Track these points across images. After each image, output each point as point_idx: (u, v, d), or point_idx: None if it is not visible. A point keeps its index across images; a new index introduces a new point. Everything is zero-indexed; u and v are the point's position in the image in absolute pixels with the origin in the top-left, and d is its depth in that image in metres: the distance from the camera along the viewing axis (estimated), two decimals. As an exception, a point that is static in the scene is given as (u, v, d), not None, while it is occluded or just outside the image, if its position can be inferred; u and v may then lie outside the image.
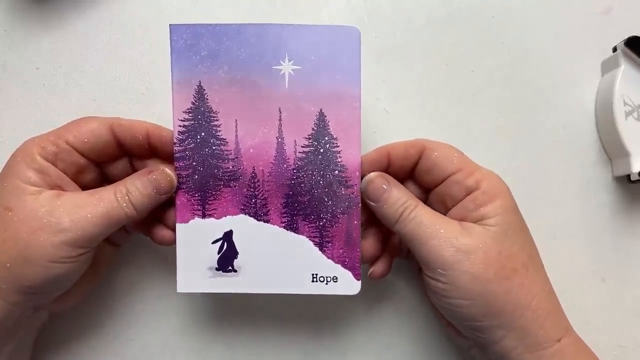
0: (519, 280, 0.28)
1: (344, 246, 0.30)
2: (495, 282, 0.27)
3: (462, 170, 0.30)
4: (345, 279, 0.30)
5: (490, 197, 0.29)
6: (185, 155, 0.30)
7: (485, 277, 0.27)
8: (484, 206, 0.29)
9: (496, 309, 0.27)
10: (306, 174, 0.30)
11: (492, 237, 0.28)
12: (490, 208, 0.29)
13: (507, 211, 0.29)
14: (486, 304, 0.27)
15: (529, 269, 0.28)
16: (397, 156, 0.30)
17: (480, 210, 0.29)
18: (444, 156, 0.30)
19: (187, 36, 0.29)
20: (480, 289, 0.27)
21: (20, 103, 0.37)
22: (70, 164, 0.29)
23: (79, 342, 0.36)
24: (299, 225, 0.30)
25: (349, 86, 0.30)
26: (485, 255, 0.27)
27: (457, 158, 0.30)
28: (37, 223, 0.27)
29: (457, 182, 0.30)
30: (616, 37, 0.37)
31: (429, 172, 0.30)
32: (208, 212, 0.30)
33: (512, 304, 0.27)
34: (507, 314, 0.27)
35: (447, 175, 0.30)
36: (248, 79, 0.29)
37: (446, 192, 0.30)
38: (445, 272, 0.27)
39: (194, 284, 0.30)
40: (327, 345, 0.36)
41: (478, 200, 0.29)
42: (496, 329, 0.28)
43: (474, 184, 0.29)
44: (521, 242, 0.29)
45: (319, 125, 0.30)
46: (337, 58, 0.29)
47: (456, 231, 0.28)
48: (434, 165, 0.30)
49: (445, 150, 0.30)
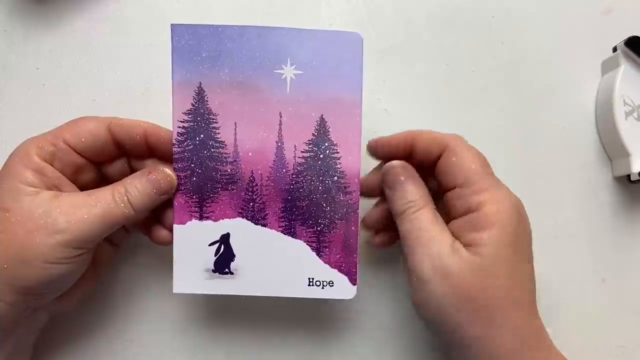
0: (486, 316, 0.26)
1: (341, 251, 0.30)
2: (461, 311, 0.27)
3: (470, 186, 0.28)
4: (341, 283, 0.30)
5: (488, 224, 0.27)
6: (184, 157, 0.30)
7: (454, 304, 0.27)
8: (477, 232, 0.27)
9: (458, 334, 0.27)
10: (305, 180, 0.30)
11: (474, 267, 0.27)
12: (484, 236, 0.27)
13: (500, 244, 0.27)
14: (450, 327, 0.27)
15: (502, 308, 0.27)
16: (420, 148, 0.30)
17: (473, 234, 0.27)
18: (459, 164, 0.29)
19: (188, 36, 0.29)
20: (447, 312, 0.27)
21: (20, 103, 0.37)
22: (68, 164, 0.29)
23: (79, 342, 0.36)
24: (296, 230, 0.30)
25: (351, 92, 0.29)
26: (460, 283, 0.27)
27: (473, 171, 0.28)
28: (34, 224, 0.27)
29: (460, 196, 0.29)
30: (616, 37, 0.37)
31: (444, 175, 0.30)
32: (205, 215, 0.30)
33: (473, 335, 0.27)
34: (470, 342, 0.27)
35: (455, 185, 0.29)
36: (249, 81, 0.29)
37: (451, 201, 0.29)
38: (418, 285, 0.28)
39: (190, 285, 0.30)
40: (326, 346, 0.36)
41: (474, 223, 0.28)
42: (462, 351, 0.27)
43: (476, 205, 0.28)
44: (503, 279, 0.27)
45: (320, 130, 0.30)
46: (339, 64, 0.29)
47: (445, 248, 0.27)
48: (448, 171, 0.29)
49: (464, 158, 0.29)
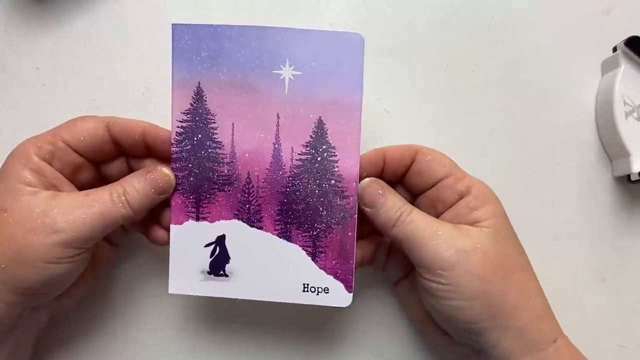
0: (516, 281, 0.28)
1: (337, 257, 0.30)
2: (495, 282, 0.27)
3: (454, 176, 0.30)
4: (336, 290, 0.30)
5: (482, 202, 0.29)
6: (182, 157, 0.30)
7: (486, 277, 0.27)
8: (477, 210, 0.29)
9: (495, 309, 0.27)
10: (302, 182, 0.30)
11: (488, 238, 0.28)
12: (483, 212, 0.29)
13: (499, 216, 0.29)
14: (486, 304, 0.27)
15: (524, 271, 0.29)
16: (392, 158, 0.31)
17: (474, 213, 0.29)
18: (436, 160, 0.30)
19: (188, 36, 0.29)
20: (480, 289, 0.27)
21: (20, 103, 0.37)
22: (67, 163, 0.29)
23: (78, 342, 0.36)
24: (292, 233, 0.30)
25: (350, 94, 0.29)
26: (485, 255, 0.28)
27: (449, 164, 0.30)
28: (32, 224, 0.27)
29: (448, 186, 0.30)
30: (616, 37, 0.37)
31: (421, 175, 0.31)
32: (202, 215, 0.30)
33: (510, 304, 0.28)
34: (505, 314, 0.27)
35: (438, 179, 0.30)
36: (247, 81, 0.29)
37: (437, 196, 0.30)
38: (446, 273, 0.27)
39: (185, 286, 0.30)
40: (325, 346, 0.36)
41: (471, 204, 0.29)
42: (493, 331, 0.28)
43: (465, 189, 0.30)
44: (514, 245, 0.30)
45: (318, 133, 0.29)
46: (339, 65, 0.29)
47: (453, 233, 0.28)
48: (427, 169, 0.30)
49: (438, 155, 0.31)
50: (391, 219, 0.29)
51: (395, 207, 0.29)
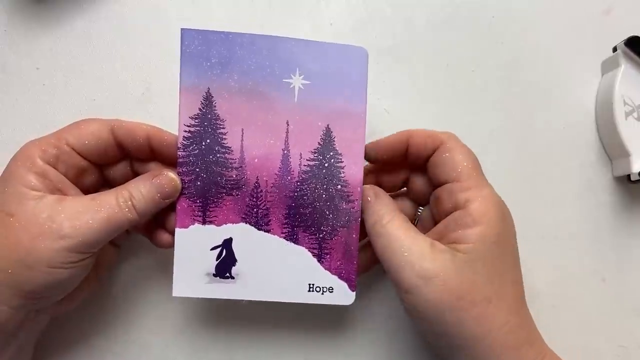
0: (476, 314, 0.27)
1: (341, 258, 0.31)
2: (449, 312, 0.27)
3: (460, 183, 0.29)
4: (340, 289, 0.31)
5: (473, 222, 0.28)
6: (189, 161, 0.30)
7: (440, 305, 0.27)
8: (462, 229, 0.28)
9: (450, 337, 0.27)
10: (309, 187, 0.30)
11: (457, 265, 0.27)
12: (468, 233, 0.27)
13: (485, 241, 0.27)
14: (441, 331, 0.27)
15: (491, 304, 0.27)
16: (416, 142, 0.30)
17: (459, 232, 0.28)
18: (452, 160, 0.29)
19: (198, 42, 0.29)
20: (434, 316, 0.27)
21: (20, 103, 0.37)
22: (71, 167, 0.29)
23: (79, 343, 0.36)
24: (299, 236, 0.30)
25: (356, 104, 0.30)
26: (444, 284, 0.27)
27: (464, 168, 0.29)
28: (38, 229, 0.27)
29: (449, 192, 0.29)
30: (616, 37, 0.37)
31: (436, 168, 0.30)
32: (208, 219, 0.30)
33: (464, 336, 0.27)
34: (464, 343, 0.27)
35: (446, 180, 0.30)
36: (258, 89, 0.29)
37: (440, 197, 0.30)
38: (405, 295, 0.28)
39: (189, 288, 0.30)
40: (326, 347, 0.36)
41: (459, 221, 0.28)
42: (458, 355, 0.28)
43: (463, 202, 0.28)
44: (489, 275, 0.27)
45: (325, 140, 0.30)
46: (345, 76, 0.30)
47: (422, 254, 0.27)
48: (441, 165, 0.30)
49: (456, 155, 0.29)
50: (369, 227, 0.29)
51: (375, 215, 0.29)
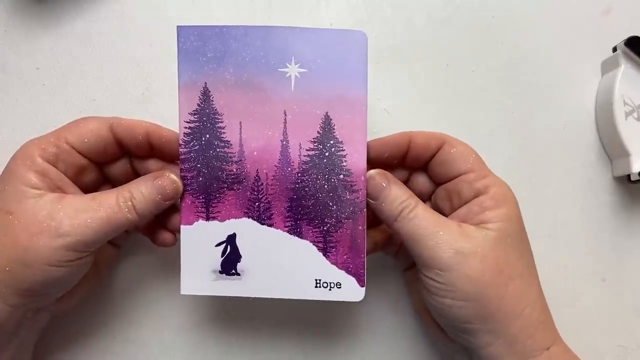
0: (514, 288, 0.28)
1: (348, 252, 0.30)
2: (490, 287, 0.27)
3: (475, 172, 0.30)
4: (349, 285, 0.30)
5: (496, 204, 0.29)
6: (190, 157, 0.30)
7: (482, 280, 0.27)
8: (489, 211, 0.29)
9: (488, 313, 0.27)
10: (311, 178, 0.30)
11: (491, 242, 0.28)
12: (495, 214, 0.29)
13: (510, 220, 0.29)
14: (479, 307, 0.27)
15: (524, 279, 0.28)
16: (418, 144, 0.31)
17: (485, 214, 0.29)
18: (461, 154, 0.30)
19: (194, 38, 0.29)
20: (475, 292, 0.27)
21: (20, 103, 0.37)
22: (71, 165, 0.29)
23: (78, 342, 0.36)
24: (302, 229, 0.30)
25: (355, 90, 0.29)
26: (483, 259, 0.27)
27: (474, 159, 0.30)
28: (37, 227, 0.27)
29: (468, 182, 0.30)
30: (616, 37, 0.37)
31: (443, 166, 0.30)
32: (212, 215, 0.30)
33: (504, 311, 0.27)
34: (499, 320, 0.27)
35: (459, 173, 0.30)
36: (253, 80, 0.29)
37: (455, 189, 0.30)
38: (443, 273, 0.27)
39: (197, 286, 0.30)
40: (327, 347, 0.36)
41: (484, 204, 0.29)
42: (485, 334, 0.28)
43: (483, 188, 0.29)
44: (519, 252, 0.29)
45: (325, 128, 0.29)
46: (344, 62, 0.29)
47: (455, 233, 0.28)
48: (450, 161, 0.30)
49: (463, 149, 0.30)
50: (394, 212, 0.29)
51: (398, 200, 0.29)
